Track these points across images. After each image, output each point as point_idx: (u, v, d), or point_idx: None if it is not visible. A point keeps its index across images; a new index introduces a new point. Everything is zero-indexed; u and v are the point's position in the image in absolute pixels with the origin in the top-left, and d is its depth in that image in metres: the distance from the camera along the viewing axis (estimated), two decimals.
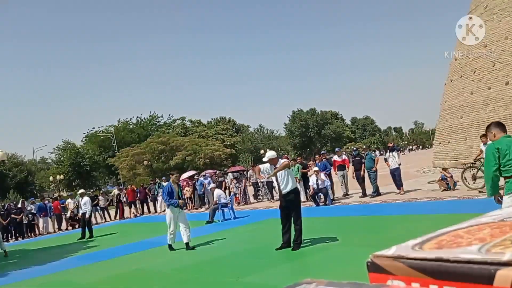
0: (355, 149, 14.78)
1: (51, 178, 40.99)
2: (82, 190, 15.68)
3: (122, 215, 19.66)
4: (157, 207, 19.76)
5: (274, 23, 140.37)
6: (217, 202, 12.76)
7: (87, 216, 13.92)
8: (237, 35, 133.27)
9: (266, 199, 16.73)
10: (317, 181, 12.33)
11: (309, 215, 9.86)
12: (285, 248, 6.87)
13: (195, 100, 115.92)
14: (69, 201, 18.38)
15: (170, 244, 8.59)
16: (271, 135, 74.48)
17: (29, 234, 17.79)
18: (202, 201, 18.06)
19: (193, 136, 45.16)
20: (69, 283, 7.23)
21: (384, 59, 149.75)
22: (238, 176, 18.87)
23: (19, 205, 18.60)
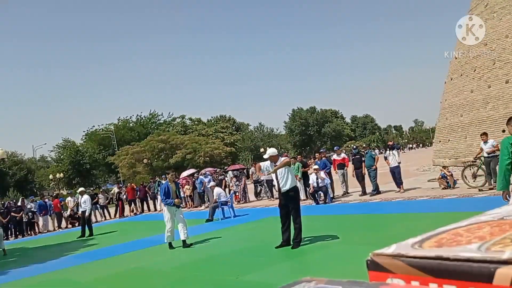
0: (355, 147, 14.77)
1: (51, 176, 41.02)
2: (82, 188, 15.69)
3: (122, 213, 19.67)
4: (157, 205, 19.77)
5: (274, 23, 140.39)
6: (217, 200, 12.76)
7: (87, 214, 13.93)
8: (237, 34, 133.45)
9: (266, 197, 16.74)
10: (317, 179, 12.33)
11: (309, 213, 9.87)
12: (285, 246, 6.88)
13: (195, 98, 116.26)
14: (69, 199, 18.40)
15: (169, 242, 8.61)
16: (271, 134, 74.49)
17: (29, 232, 17.80)
18: (202, 199, 18.06)
19: (193, 134, 45.19)
20: (68, 281, 7.23)
21: (384, 58, 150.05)
22: (238, 174, 18.88)
23: (19, 203, 18.61)
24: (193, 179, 19.29)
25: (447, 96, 19.64)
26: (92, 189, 38.81)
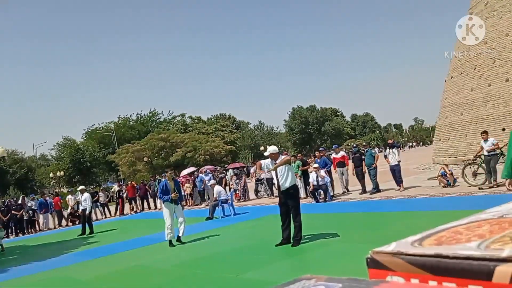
0: (355, 146, 14.76)
1: (51, 174, 41.06)
2: (82, 186, 15.70)
3: (122, 212, 19.69)
4: (157, 203, 19.77)
5: (274, 22, 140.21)
6: (217, 198, 12.77)
7: (87, 212, 13.95)
8: (238, 33, 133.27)
9: (266, 195, 16.75)
10: (317, 177, 12.34)
11: (309, 211, 9.88)
12: (285, 244, 6.88)
13: (196, 97, 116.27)
14: (69, 197, 18.42)
15: (169, 240, 8.63)
16: (271, 132, 74.49)
17: (29, 230, 17.82)
18: (202, 198, 18.07)
19: (193, 132, 45.21)
20: (69, 279, 7.24)
21: (384, 57, 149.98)
22: (238, 172, 18.88)
23: (19, 202, 18.63)
24: (193, 177, 19.29)
25: (447, 94, 19.62)
26: (92, 187, 38.71)
